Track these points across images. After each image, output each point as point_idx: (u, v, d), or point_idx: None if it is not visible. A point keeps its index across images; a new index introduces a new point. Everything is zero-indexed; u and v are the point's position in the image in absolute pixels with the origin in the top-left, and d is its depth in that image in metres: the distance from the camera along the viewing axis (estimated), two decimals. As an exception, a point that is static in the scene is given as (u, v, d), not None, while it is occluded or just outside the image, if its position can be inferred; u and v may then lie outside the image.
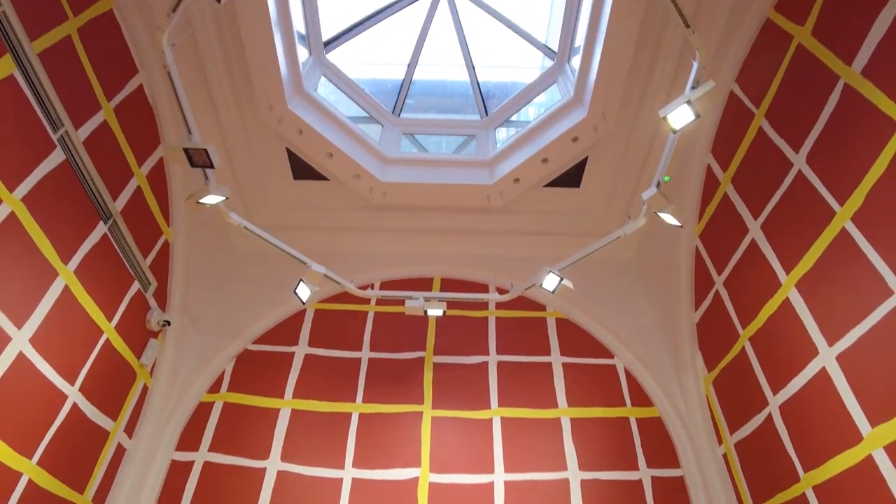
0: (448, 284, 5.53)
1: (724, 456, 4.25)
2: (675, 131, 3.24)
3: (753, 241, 3.94)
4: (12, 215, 2.98)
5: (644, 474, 4.39)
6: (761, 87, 3.90)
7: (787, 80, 3.66)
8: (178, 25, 3.66)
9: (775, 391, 3.66)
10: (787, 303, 3.57)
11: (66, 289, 3.40)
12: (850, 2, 3.16)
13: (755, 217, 3.93)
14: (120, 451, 4.06)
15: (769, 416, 3.71)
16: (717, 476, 4.22)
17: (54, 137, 3.32)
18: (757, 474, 3.86)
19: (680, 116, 3.16)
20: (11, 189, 2.98)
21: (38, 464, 3.18)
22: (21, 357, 3.02)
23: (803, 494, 3.35)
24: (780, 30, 3.74)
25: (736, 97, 4.18)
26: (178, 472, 4.28)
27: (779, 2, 3.77)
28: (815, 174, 3.34)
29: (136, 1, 3.93)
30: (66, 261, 3.40)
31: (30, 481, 3.11)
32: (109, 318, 3.86)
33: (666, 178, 3.67)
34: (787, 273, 3.57)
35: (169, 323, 4.48)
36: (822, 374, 3.22)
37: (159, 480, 4.19)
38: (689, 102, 3.11)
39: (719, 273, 4.39)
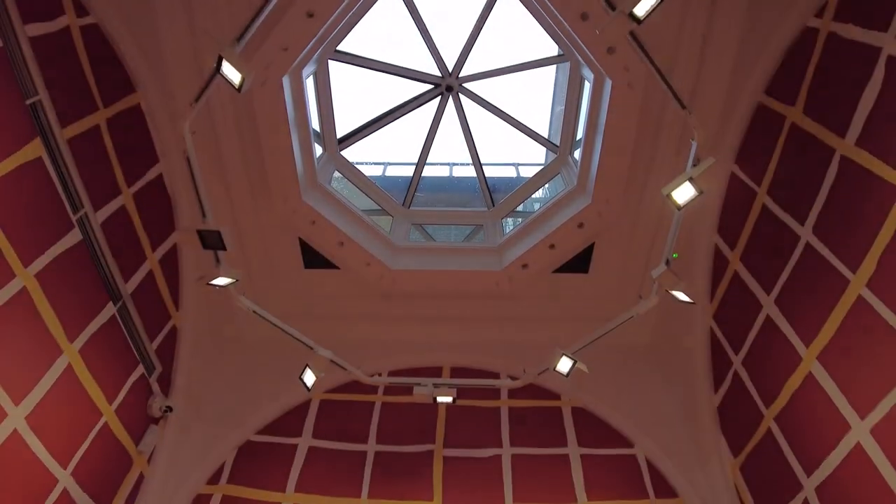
0: (458, 373, 5.40)
1: (761, 551, 3.91)
2: (679, 208, 3.29)
3: (768, 317, 3.87)
4: (24, 290, 3.00)
5: (675, 573, 4.03)
6: (761, 166, 4.00)
7: (785, 157, 3.77)
8: (199, 116, 3.89)
9: (809, 472, 3.42)
10: (810, 377, 3.43)
11: (69, 367, 3.35)
12: (836, 80, 3.32)
13: (768, 293, 3.89)
14: (106, 551, 3.80)
15: (805, 502, 3.45)
16: (758, 575, 3.87)
17: (74, 218, 3.42)
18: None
19: (683, 193, 3.21)
20: (26, 264, 3.03)
21: (18, 554, 2.97)
22: (15, 435, 2.92)
23: None
24: (772, 112, 3.91)
25: (737, 177, 4.29)
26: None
27: (769, 86, 3.96)
28: (824, 244, 3.34)
29: (162, 95, 4.19)
30: (72, 339, 3.38)
31: (7, 572, 2.89)
32: (110, 401, 3.76)
33: (675, 255, 3.68)
34: (807, 346, 3.46)
35: (171, 409, 4.34)
36: (858, 450, 3.03)
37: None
38: (690, 179, 3.18)
39: (736, 353, 4.27)
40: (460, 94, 5.75)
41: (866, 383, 3.00)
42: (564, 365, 3.90)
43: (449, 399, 4.12)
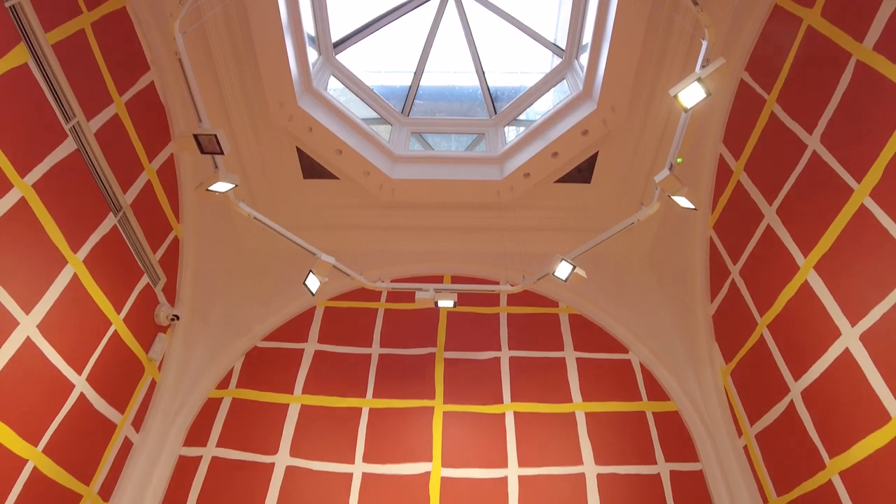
0: (458, 281, 5.49)
1: (745, 448, 4.12)
2: (686, 110, 3.22)
3: (769, 227, 3.87)
4: (23, 201, 2.98)
5: (662, 468, 4.27)
6: (772, 73, 3.86)
7: (798, 63, 3.62)
8: (189, 17, 3.71)
9: (797, 377, 3.56)
10: (805, 286, 3.48)
11: (75, 277, 3.39)
12: (859, -21, 3.15)
13: (770, 202, 3.87)
14: (127, 444, 4.01)
15: (791, 404, 3.60)
16: (738, 469, 4.10)
17: (66, 127, 3.34)
18: (780, 465, 3.73)
19: (691, 94, 3.13)
20: (23, 175, 2.99)
21: (44, 452, 3.14)
22: (28, 342, 3.00)
23: (829, 482, 3.22)
24: (788, 14, 3.72)
25: (746, 85, 4.15)
26: (185, 467, 4.22)
27: (787, -16, 3.76)
28: (831, 153, 3.28)
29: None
30: (75, 249, 3.40)
31: (35, 469, 3.06)
32: (118, 310, 3.84)
33: (679, 160, 3.62)
34: (805, 256, 3.49)
35: (178, 317, 4.45)
36: (846, 356, 3.12)
37: (167, 475, 4.13)
38: (699, 80, 3.08)
39: (734, 262, 4.31)
40: (461, -6, 5.49)
41: (860, 292, 3.05)
42: (563, 270, 3.92)
43: (450, 303, 4.20)
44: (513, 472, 4.23)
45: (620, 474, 4.24)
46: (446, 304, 4.21)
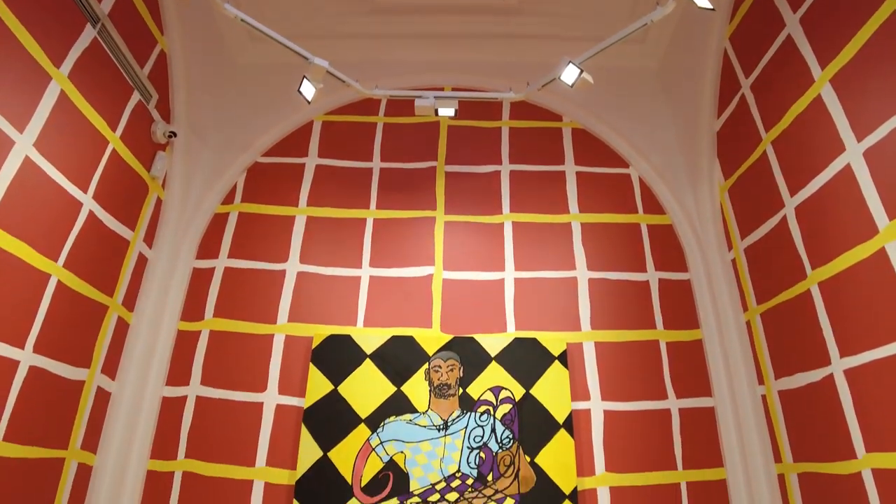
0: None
1: (733, 261, 4.33)
2: None
3: (789, 38, 3.63)
4: (-9, 11, 2.77)
5: (651, 276, 4.54)
6: None
7: None
8: None
9: (793, 192, 3.61)
10: (818, 100, 3.37)
11: (63, 94, 3.27)
12: None
13: (794, 10, 3.59)
14: (142, 259, 4.21)
15: (783, 219, 3.70)
16: (724, 279, 4.34)
17: (21, -77, 2.98)
18: (764, 276, 3.95)
19: None
20: (-16, -18, 2.74)
21: (65, 266, 3.30)
22: (28, 162, 2.99)
23: (808, 291, 3.44)
24: None
25: None
26: (200, 278, 4.49)
27: None
28: (870, -48, 2.96)
29: None
30: (58, 64, 3.23)
31: (59, 282, 3.24)
32: (113, 128, 3.77)
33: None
34: (823, 68, 3.33)
35: (175, 134, 4.39)
36: (846, 171, 3.13)
37: (184, 285, 4.41)
38: None
39: (747, 76, 4.13)
40: None
41: (872, 107, 2.96)
42: (570, 75, 3.75)
43: (451, 111, 4.11)
44: (509, 275, 4.50)
45: (611, 279, 4.51)
46: (447, 111, 4.12)
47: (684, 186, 4.78)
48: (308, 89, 3.83)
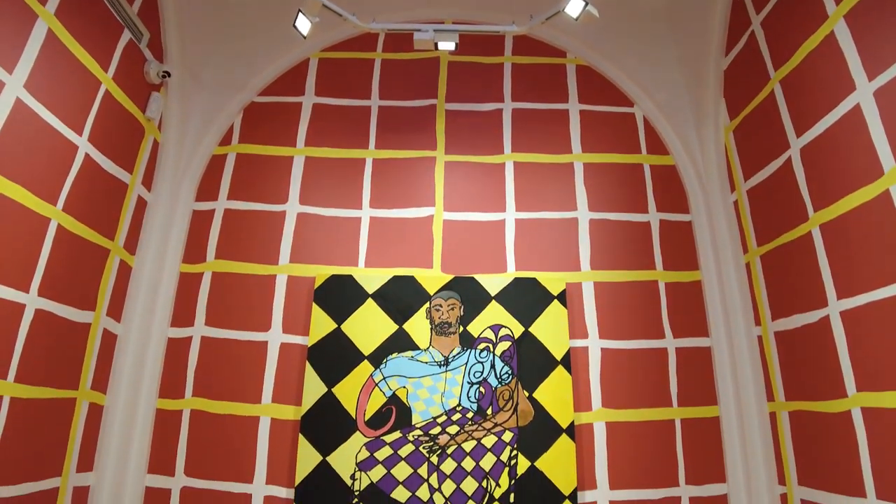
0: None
1: (735, 203, 4.30)
2: None
3: (805, -32, 3.48)
4: (-32, -56, 2.65)
5: (653, 217, 4.53)
6: None
7: None
8: None
9: (799, 133, 3.54)
10: (830, 37, 3.26)
11: (51, 33, 3.16)
12: None
13: (811, -62, 3.42)
14: (141, 203, 4.19)
15: (788, 161, 3.65)
16: (725, 221, 4.32)
17: None
18: (765, 218, 3.93)
19: None
20: (-42, -90, 2.61)
21: (64, 210, 3.29)
22: (20, 104, 2.93)
23: (809, 233, 3.43)
24: None
25: None
26: (201, 220, 4.49)
27: None
28: None
29: None
30: (43, 2, 3.11)
31: (59, 226, 3.24)
32: (105, 69, 3.67)
33: None
34: (837, 3, 3.19)
35: (169, 74, 4.28)
36: (855, 112, 3.06)
37: (184, 228, 4.41)
38: None
39: (758, 12, 3.97)
40: None
41: (886, 44, 2.86)
42: (574, 7, 3.63)
43: (451, 45, 4.00)
44: (510, 215, 4.49)
45: (612, 220, 4.50)
46: (447, 45, 4.00)
47: (689, 127, 4.68)
48: (303, 24, 3.71)
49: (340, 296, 4.13)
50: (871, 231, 2.94)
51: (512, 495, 3.69)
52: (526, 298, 4.14)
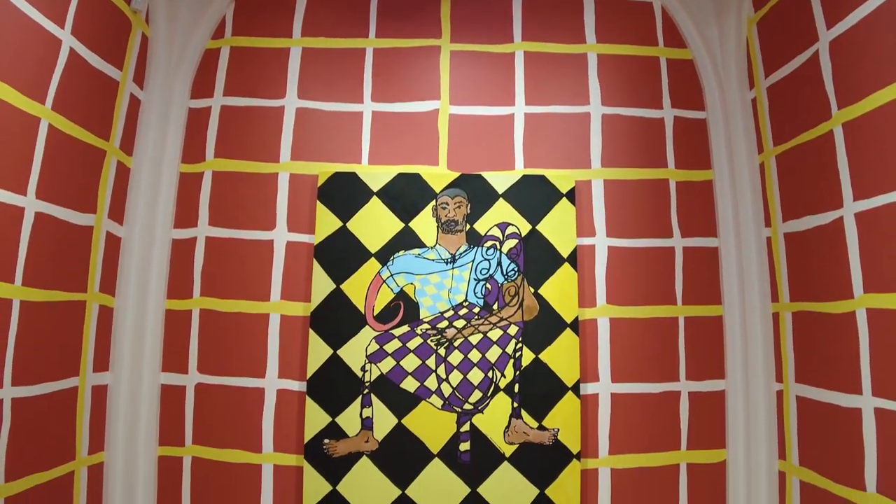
0: None
1: (753, 100, 4.12)
2: None
3: None
4: None
5: (667, 114, 4.36)
6: None
7: None
8: None
9: (830, 25, 3.31)
10: (877, -87, 2.96)
11: (19, -89, 2.87)
12: None
13: None
14: (134, 101, 4.00)
15: (815, 55, 3.44)
16: (742, 119, 4.17)
17: None
18: (785, 117, 3.78)
19: None
20: None
21: (54, 109, 3.13)
22: (-5, -4, 2.71)
23: (830, 132, 3.30)
24: None
25: None
26: (197, 118, 4.31)
27: None
28: None
29: None
30: None
31: (50, 126, 3.10)
32: (81, -49, 3.37)
33: None
34: None
35: (150, -45, 3.95)
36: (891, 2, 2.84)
37: (181, 127, 4.24)
38: None
39: None
40: None
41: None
42: None
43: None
44: (519, 109, 4.33)
45: (624, 115, 4.34)
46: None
47: (710, 18, 4.39)
48: None
49: (345, 194, 4.07)
50: (892, 131, 2.82)
51: (516, 385, 3.85)
52: (534, 196, 4.10)
